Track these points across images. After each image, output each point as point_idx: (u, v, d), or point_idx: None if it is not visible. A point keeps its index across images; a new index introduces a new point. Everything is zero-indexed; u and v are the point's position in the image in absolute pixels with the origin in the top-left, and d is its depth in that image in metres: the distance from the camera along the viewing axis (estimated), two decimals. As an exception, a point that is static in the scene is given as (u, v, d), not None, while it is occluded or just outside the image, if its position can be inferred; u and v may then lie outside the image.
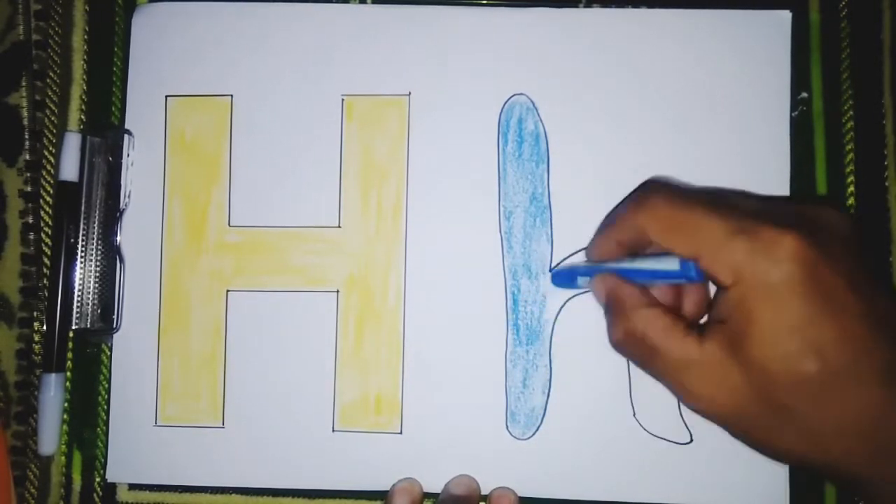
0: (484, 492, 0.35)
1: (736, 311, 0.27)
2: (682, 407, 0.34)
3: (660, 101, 0.36)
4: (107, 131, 0.37)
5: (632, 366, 0.35)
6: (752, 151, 0.36)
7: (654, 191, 0.30)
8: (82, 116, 0.37)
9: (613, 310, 0.30)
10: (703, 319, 0.32)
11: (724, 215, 0.27)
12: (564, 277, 0.35)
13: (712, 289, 0.31)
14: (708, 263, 0.27)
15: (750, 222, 0.27)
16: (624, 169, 0.36)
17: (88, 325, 0.36)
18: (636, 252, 0.30)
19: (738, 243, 0.26)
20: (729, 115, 0.36)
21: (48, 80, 0.37)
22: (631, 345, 0.30)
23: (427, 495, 0.35)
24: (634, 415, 0.35)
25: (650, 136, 0.36)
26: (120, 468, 0.36)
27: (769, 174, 0.35)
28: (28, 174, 0.37)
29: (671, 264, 0.28)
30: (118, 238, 0.37)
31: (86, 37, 0.38)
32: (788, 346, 0.26)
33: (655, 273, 0.29)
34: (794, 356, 0.26)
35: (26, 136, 0.37)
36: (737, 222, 0.27)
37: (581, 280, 0.33)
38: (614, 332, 0.30)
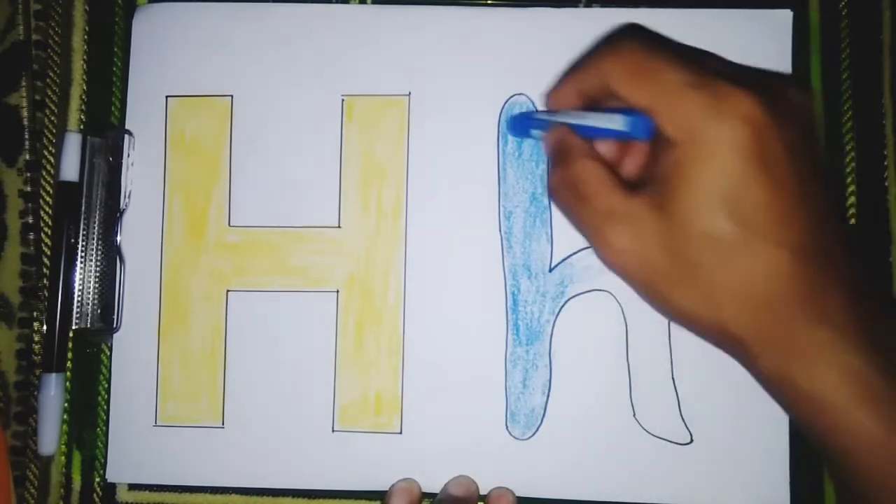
0: (484, 492, 0.35)
1: (673, 170, 0.27)
2: (682, 407, 0.34)
3: (660, 101, 0.36)
4: (107, 131, 0.37)
5: (631, 366, 0.35)
6: (753, 151, 0.36)
7: (625, 36, 0.29)
8: (82, 116, 0.37)
9: (556, 158, 0.31)
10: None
11: (685, 67, 0.27)
12: (519, 127, 0.35)
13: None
14: (662, 118, 0.27)
15: (710, 77, 0.26)
16: (624, 169, 0.36)
17: (88, 325, 0.36)
18: (596, 104, 0.30)
19: (692, 96, 0.26)
20: (729, 115, 0.36)
21: (48, 80, 0.37)
22: (564, 191, 0.30)
23: (427, 495, 0.35)
24: (634, 415, 0.35)
25: (650, 135, 0.36)
26: (120, 468, 0.36)
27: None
28: (28, 174, 0.37)
29: (617, 123, 0.28)
30: (118, 238, 0.37)
31: (86, 37, 0.38)
32: (711, 202, 0.26)
33: (603, 129, 0.29)
34: (712, 213, 0.26)
35: (26, 136, 0.37)
36: (696, 75, 0.26)
37: (534, 133, 0.34)
38: (552, 178, 0.31)
